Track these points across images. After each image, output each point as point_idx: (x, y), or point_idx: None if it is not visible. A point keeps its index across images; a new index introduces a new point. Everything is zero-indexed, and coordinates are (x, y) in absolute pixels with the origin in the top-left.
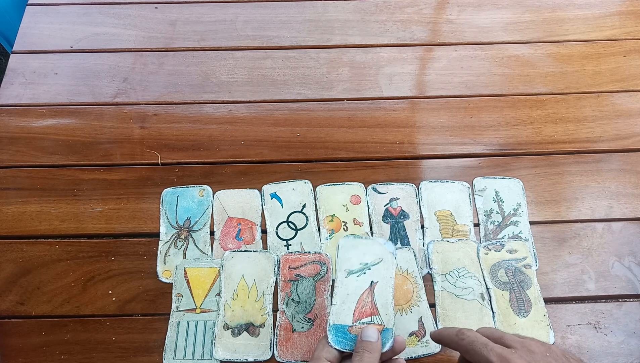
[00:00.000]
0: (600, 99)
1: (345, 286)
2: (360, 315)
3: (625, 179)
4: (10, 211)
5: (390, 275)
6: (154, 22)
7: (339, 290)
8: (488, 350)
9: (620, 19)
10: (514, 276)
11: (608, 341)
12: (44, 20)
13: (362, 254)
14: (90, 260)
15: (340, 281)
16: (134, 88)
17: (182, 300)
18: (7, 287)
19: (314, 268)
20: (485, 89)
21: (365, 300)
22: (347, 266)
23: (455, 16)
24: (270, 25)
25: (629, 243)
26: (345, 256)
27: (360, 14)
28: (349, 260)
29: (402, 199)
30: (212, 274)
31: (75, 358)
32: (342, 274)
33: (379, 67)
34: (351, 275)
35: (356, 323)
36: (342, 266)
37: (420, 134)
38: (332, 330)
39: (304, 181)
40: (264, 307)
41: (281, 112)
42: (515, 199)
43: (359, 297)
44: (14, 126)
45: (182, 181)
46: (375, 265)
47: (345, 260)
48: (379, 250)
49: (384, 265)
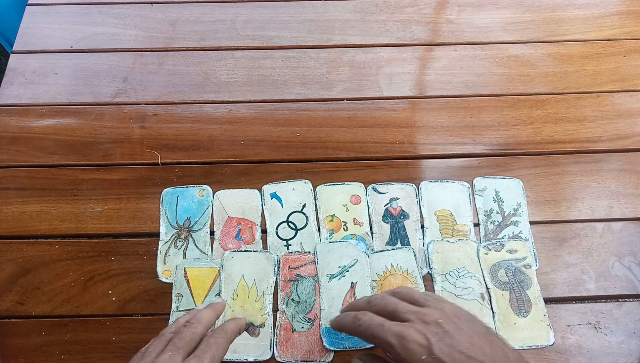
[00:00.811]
0: (600, 99)
1: (329, 291)
2: None
3: (625, 179)
4: (10, 211)
5: (367, 273)
6: (154, 22)
7: (325, 295)
8: (385, 331)
9: (620, 19)
10: (514, 276)
11: (608, 341)
12: (44, 20)
13: (338, 257)
14: (90, 260)
15: (324, 286)
16: (134, 88)
17: (182, 300)
18: (7, 287)
19: (314, 268)
20: (485, 89)
21: (349, 301)
22: (328, 271)
23: (455, 16)
24: (270, 25)
25: (629, 243)
26: (325, 262)
27: (360, 14)
28: (328, 264)
29: (402, 199)
30: (212, 274)
31: (75, 358)
32: (325, 279)
33: (379, 67)
34: (333, 279)
35: None
36: (323, 271)
37: (420, 134)
38: (325, 334)
39: (304, 181)
40: (264, 307)
41: (281, 112)
42: (515, 199)
43: (343, 299)
44: (14, 126)
45: (182, 181)
46: (352, 266)
47: (325, 266)
48: (353, 251)
49: (360, 265)
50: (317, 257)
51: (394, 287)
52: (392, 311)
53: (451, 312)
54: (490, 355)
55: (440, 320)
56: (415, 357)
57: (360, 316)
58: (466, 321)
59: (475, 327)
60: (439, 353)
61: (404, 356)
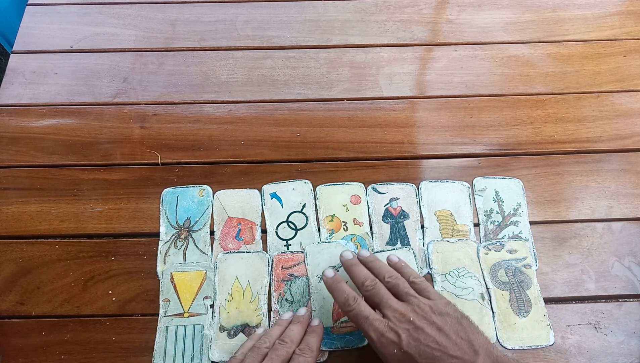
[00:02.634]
0: (600, 99)
1: (319, 292)
2: (339, 315)
3: (625, 179)
4: (10, 211)
5: None
6: (154, 22)
7: (315, 296)
8: (367, 324)
9: (620, 19)
10: (514, 276)
11: (608, 341)
12: (44, 20)
13: (328, 258)
14: (90, 260)
15: (315, 287)
16: (134, 88)
17: (169, 305)
18: (7, 287)
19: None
20: (485, 89)
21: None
22: (318, 272)
23: (455, 16)
24: (270, 25)
25: (629, 243)
26: (314, 262)
27: (360, 14)
28: (317, 265)
29: (402, 199)
30: (199, 277)
31: (75, 358)
32: (315, 280)
33: (379, 67)
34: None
35: (336, 324)
36: (312, 272)
37: (420, 134)
38: None
39: (304, 181)
40: (259, 308)
41: (281, 112)
42: (515, 199)
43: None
44: (14, 126)
45: (182, 181)
46: (341, 266)
47: (314, 266)
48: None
49: None
50: (307, 258)
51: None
52: (377, 303)
53: (427, 308)
54: (459, 345)
55: (412, 317)
56: (388, 350)
57: (351, 302)
58: (439, 314)
59: (450, 320)
60: (407, 348)
61: (380, 350)
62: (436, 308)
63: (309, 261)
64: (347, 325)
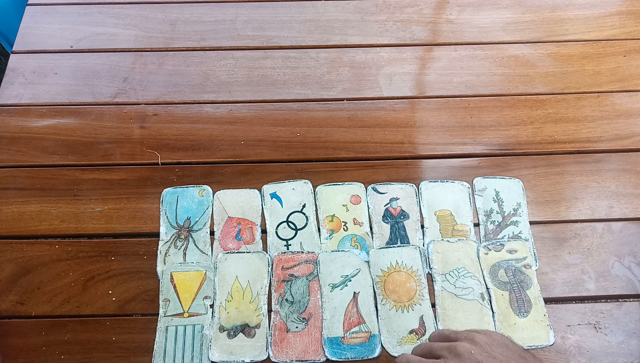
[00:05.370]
0: (600, 99)
1: (331, 300)
2: (350, 326)
3: (625, 179)
4: (10, 211)
5: (369, 283)
6: (154, 22)
7: (327, 305)
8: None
9: (620, 19)
10: (514, 276)
11: (608, 341)
12: (44, 20)
13: (341, 267)
14: (90, 260)
15: (326, 296)
16: (134, 88)
17: (169, 305)
18: (7, 287)
19: (307, 267)
20: (485, 89)
21: (352, 311)
22: (330, 280)
23: (455, 16)
24: (270, 25)
25: (629, 243)
26: (327, 271)
27: (360, 14)
28: (330, 274)
29: (402, 199)
30: (199, 277)
31: (75, 358)
32: (327, 289)
33: (379, 67)
34: (335, 288)
35: (347, 334)
36: (325, 280)
37: (420, 134)
38: (327, 343)
39: (304, 181)
40: (258, 308)
41: (281, 112)
42: (515, 199)
43: (346, 309)
44: (14, 126)
45: (182, 181)
46: (354, 276)
47: (327, 274)
48: (355, 260)
49: (362, 275)
50: (319, 266)
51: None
52: (427, 352)
53: (482, 341)
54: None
55: (472, 350)
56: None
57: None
58: (499, 346)
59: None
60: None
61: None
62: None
63: (321, 269)
64: (358, 336)
